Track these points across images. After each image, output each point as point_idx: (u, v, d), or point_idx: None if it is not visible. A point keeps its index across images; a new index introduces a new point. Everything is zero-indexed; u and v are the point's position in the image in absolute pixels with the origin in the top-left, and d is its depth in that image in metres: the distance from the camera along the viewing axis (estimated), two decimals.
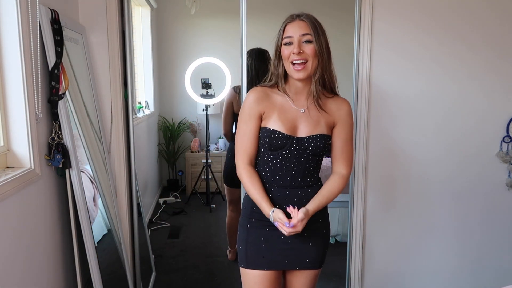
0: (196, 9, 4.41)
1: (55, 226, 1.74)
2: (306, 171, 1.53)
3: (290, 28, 1.46)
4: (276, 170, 1.52)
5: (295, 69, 1.45)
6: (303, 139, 1.50)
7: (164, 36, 4.98)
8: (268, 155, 1.53)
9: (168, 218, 4.07)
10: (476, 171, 2.37)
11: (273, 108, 1.51)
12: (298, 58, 1.43)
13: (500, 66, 2.28)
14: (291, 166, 1.51)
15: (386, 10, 2.21)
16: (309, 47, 1.44)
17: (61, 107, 1.67)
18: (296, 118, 1.51)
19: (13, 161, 1.54)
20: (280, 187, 1.53)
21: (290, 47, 1.45)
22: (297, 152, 1.50)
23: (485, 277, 2.47)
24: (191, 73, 4.29)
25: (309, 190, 1.54)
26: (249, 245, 1.56)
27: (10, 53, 1.48)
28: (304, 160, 1.51)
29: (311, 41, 1.44)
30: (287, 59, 1.46)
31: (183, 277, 2.89)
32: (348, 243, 2.46)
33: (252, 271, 1.56)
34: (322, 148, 1.51)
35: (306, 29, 1.44)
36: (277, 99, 1.53)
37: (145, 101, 4.50)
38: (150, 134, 4.48)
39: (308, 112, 1.52)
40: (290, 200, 1.52)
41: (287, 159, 1.51)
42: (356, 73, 2.26)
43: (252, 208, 1.56)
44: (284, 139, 1.49)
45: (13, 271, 1.42)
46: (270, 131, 1.49)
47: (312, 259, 1.58)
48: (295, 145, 1.50)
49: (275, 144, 1.49)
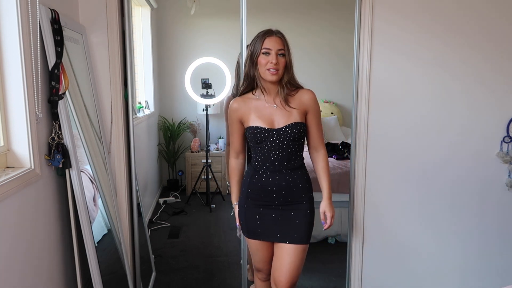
0: (196, 9, 4.41)
1: (55, 226, 1.74)
2: (290, 155, 1.83)
3: (269, 42, 1.78)
4: (265, 159, 1.84)
5: (270, 73, 1.76)
6: (281, 129, 1.80)
7: (164, 36, 4.98)
8: (256, 148, 1.85)
9: (168, 218, 4.07)
10: (476, 171, 2.37)
11: (250, 111, 1.84)
12: (274, 67, 1.76)
13: (500, 66, 2.28)
14: (276, 153, 1.82)
15: (386, 8, 2.21)
16: (282, 59, 1.78)
17: (61, 107, 1.67)
18: (272, 113, 1.82)
19: (13, 161, 1.55)
20: (271, 172, 1.84)
21: (268, 57, 1.77)
22: (279, 141, 1.80)
23: (485, 277, 2.47)
24: (191, 73, 4.29)
25: (295, 176, 1.86)
26: (247, 220, 1.91)
27: (10, 53, 1.48)
28: (286, 146, 1.81)
29: (284, 54, 1.79)
30: (264, 66, 1.77)
31: (183, 277, 2.89)
32: (348, 243, 2.46)
33: (252, 240, 1.93)
34: (298, 133, 1.81)
35: (281, 45, 1.78)
36: (252, 102, 1.85)
37: (145, 101, 4.49)
38: (150, 134, 4.48)
39: (280, 106, 1.83)
40: (278, 183, 1.84)
41: (272, 148, 1.81)
42: (356, 71, 2.26)
43: (248, 190, 1.88)
44: (265, 132, 1.80)
45: (13, 271, 1.42)
46: (253, 128, 1.81)
47: (299, 234, 1.86)
48: (275, 135, 1.80)
49: (259, 138, 1.81)
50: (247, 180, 1.90)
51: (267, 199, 1.86)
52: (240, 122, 1.87)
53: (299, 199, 1.86)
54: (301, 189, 1.86)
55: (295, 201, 1.86)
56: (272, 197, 1.85)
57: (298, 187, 1.86)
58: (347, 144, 3.79)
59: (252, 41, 1.83)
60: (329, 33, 4.91)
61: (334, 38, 4.91)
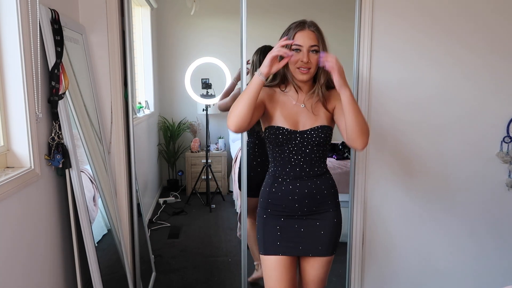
0: (196, 9, 4.41)
1: (55, 226, 1.74)
2: (313, 161, 1.66)
3: (300, 37, 1.58)
4: (285, 164, 1.67)
5: (300, 72, 1.59)
6: (305, 132, 1.64)
7: (164, 36, 4.98)
8: (276, 151, 1.68)
9: (168, 218, 4.07)
10: (476, 171, 2.37)
11: (276, 106, 1.66)
12: (305, 66, 1.58)
13: (500, 67, 2.28)
14: (298, 158, 1.65)
15: (386, 10, 2.21)
16: (315, 56, 1.59)
17: (61, 107, 1.67)
18: (298, 113, 1.66)
19: (13, 161, 1.54)
20: (291, 179, 1.67)
21: (299, 54, 1.58)
22: (302, 145, 1.64)
23: (486, 277, 2.47)
24: (191, 73, 4.29)
25: (318, 182, 1.68)
26: (266, 233, 1.71)
27: (10, 53, 1.48)
28: (310, 151, 1.64)
29: (318, 51, 1.59)
30: (294, 64, 1.59)
31: (183, 277, 2.89)
32: (348, 243, 2.46)
33: (269, 257, 1.69)
34: (324, 138, 1.64)
35: (314, 40, 1.58)
36: (279, 97, 1.68)
37: (145, 101, 4.49)
38: (150, 134, 4.48)
39: (308, 106, 1.66)
40: (301, 191, 1.66)
41: (293, 152, 1.65)
42: (356, 73, 2.26)
43: (268, 200, 1.71)
44: (289, 134, 1.63)
45: (13, 271, 1.42)
46: (275, 128, 1.64)
47: (324, 246, 1.69)
48: (299, 138, 1.64)
49: (281, 139, 1.63)
50: (266, 189, 1.73)
51: (288, 209, 1.68)
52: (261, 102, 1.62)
53: (325, 206, 1.70)
54: (327, 195, 1.70)
55: (320, 209, 1.69)
56: (295, 207, 1.67)
57: (323, 194, 1.69)
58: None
59: (283, 33, 1.65)
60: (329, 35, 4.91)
61: (334, 39, 4.91)
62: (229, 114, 1.54)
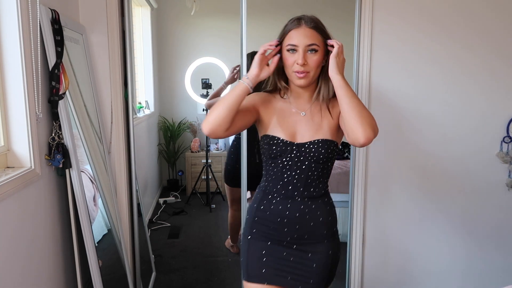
0: (196, 9, 4.41)
1: (55, 226, 1.74)
2: (309, 180, 1.43)
3: (295, 35, 1.36)
4: (277, 179, 1.45)
5: (297, 76, 1.37)
6: (303, 145, 1.42)
7: (164, 36, 4.98)
8: (269, 164, 1.47)
9: (168, 218, 4.07)
10: (476, 171, 2.37)
11: (273, 112, 1.46)
12: (301, 70, 1.36)
13: (500, 67, 2.28)
14: (292, 174, 1.43)
15: (386, 10, 2.21)
16: (314, 57, 1.36)
17: (61, 107, 1.67)
18: (297, 123, 1.44)
19: (13, 161, 1.54)
20: (282, 198, 1.45)
21: (294, 55, 1.36)
22: (298, 159, 1.42)
23: (486, 277, 2.47)
24: (191, 73, 4.30)
25: (313, 206, 1.44)
26: (250, 257, 1.49)
27: (11, 53, 1.48)
28: (306, 167, 1.42)
29: (317, 50, 1.36)
30: (290, 67, 1.39)
31: (183, 277, 2.89)
32: (348, 243, 2.46)
33: (253, 285, 1.48)
34: (324, 154, 1.40)
35: (312, 39, 1.36)
36: (278, 103, 1.48)
37: (145, 101, 4.49)
38: (150, 134, 4.48)
39: (310, 115, 1.45)
40: (291, 213, 1.43)
41: (287, 167, 1.43)
42: (356, 74, 2.26)
43: (254, 218, 1.50)
44: (284, 145, 1.42)
45: (13, 271, 1.42)
46: (269, 138, 1.43)
47: (316, 280, 1.46)
48: (295, 151, 1.42)
49: (275, 151, 1.42)
50: (254, 205, 1.51)
51: (276, 232, 1.46)
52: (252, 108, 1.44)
53: (319, 237, 1.46)
54: (321, 223, 1.45)
55: (312, 239, 1.46)
56: (283, 231, 1.45)
57: (317, 221, 1.45)
58: (347, 144, 3.79)
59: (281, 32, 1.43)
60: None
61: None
62: (206, 117, 1.35)
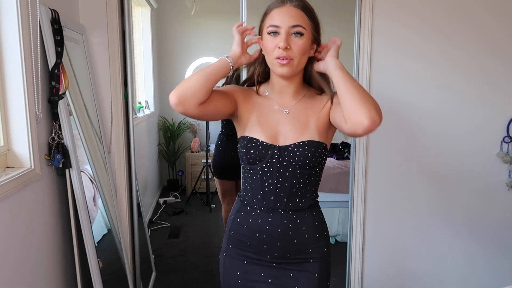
0: (196, 9, 4.41)
1: (55, 226, 1.74)
2: (294, 189, 1.23)
3: (277, 15, 1.17)
4: (257, 188, 1.25)
5: (279, 63, 1.17)
6: (286, 148, 1.22)
7: (164, 36, 4.98)
8: (247, 170, 1.27)
9: (168, 218, 4.07)
10: (476, 171, 2.37)
11: (252, 109, 1.27)
12: (284, 55, 1.16)
13: (501, 67, 2.28)
14: (274, 182, 1.23)
15: (386, 12, 2.21)
16: (299, 42, 1.16)
17: (61, 107, 1.67)
18: (279, 122, 1.25)
19: (13, 161, 1.54)
20: (263, 211, 1.25)
21: (276, 38, 1.17)
22: (280, 165, 1.22)
23: (485, 277, 2.47)
24: (191, 73, 4.29)
25: (298, 220, 1.25)
26: (224, 276, 1.33)
27: (10, 53, 1.48)
28: (290, 174, 1.22)
29: (302, 34, 1.16)
30: (271, 53, 1.19)
31: (183, 277, 2.89)
32: (348, 243, 2.46)
33: None
34: (311, 158, 1.20)
35: (298, 19, 1.16)
36: (258, 99, 1.30)
37: (145, 101, 4.49)
38: (150, 134, 4.48)
39: (294, 113, 1.25)
40: (272, 228, 1.24)
41: (268, 174, 1.23)
42: (356, 72, 2.26)
43: (230, 231, 1.32)
44: (264, 148, 1.22)
45: (13, 270, 1.42)
46: (247, 140, 1.24)
47: None
48: (277, 155, 1.22)
49: (253, 155, 1.23)
50: (231, 217, 1.34)
51: (254, 249, 1.27)
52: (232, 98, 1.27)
53: (303, 255, 1.26)
54: (308, 240, 1.26)
55: (297, 257, 1.26)
56: (262, 248, 1.26)
57: (301, 237, 1.25)
58: (347, 144, 3.79)
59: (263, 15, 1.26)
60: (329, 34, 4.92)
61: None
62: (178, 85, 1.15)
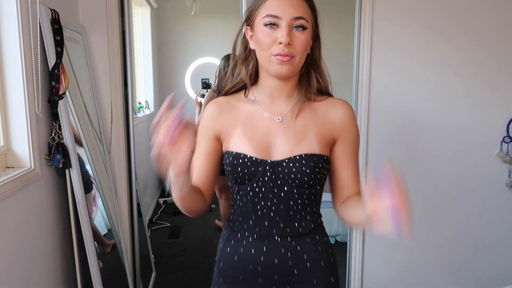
0: (196, 9, 4.41)
1: (55, 226, 1.74)
2: (292, 212, 1.03)
3: (277, 4, 0.96)
4: (248, 212, 1.05)
5: (278, 61, 0.96)
6: (280, 163, 1.01)
7: (164, 36, 4.98)
8: (236, 192, 1.07)
9: (168, 218, 4.07)
10: (476, 171, 2.37)
11: (235, 122, 1.06)
12: (285, 52, 0.95)
13: (500, 66, 2.28)
14: (267, 205, 1.02)
15: (387, 9, 2.21)
16: (301, 37, 0.97)
17: (61, 107, 1.67)
18: (270, 132, 1.04)
19: (13, 161, 1.54)
20: (256, 238, 1.05)
21: (275, 32, 0.96)
22: (274, 184, 1.01)
23: (485, 277, 2.47)
24: (191, 73, 4.30)
25: (299, 247, 1.04)
26: None
27: (10, 53, 1.48)
28: (287, 195, 1.01)
29: (305, 27, 0.97)
30: (267, 48, 0.97)
31: (183, 277, 2.89)
32: (348, 243, 2.46)
33: None
34: (310, 175, 1.00)
35: (301, 10, 0.96)
36: (244, 108, 1.08)
37: (145, 101, 4.49)
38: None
39: (289, 121, 1.04)
40: (268, 259, 1.04)
41: (260, 195, 1.02)
42: (356, 73, 2.26)
43: (219, 263, 1.12)
44: (253, 165, 1.01)
45: (13, 270, 1.42)
46: (233, 156, 1.03)
47: None
48: (269, 173, 1.01)
49: (241, 174, 1.02)
50: (220, 245, 1.14)
51: (249, 285, 1.07)
52: (214, 139, 1.08)
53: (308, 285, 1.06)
54: (311, 269, 1.06)
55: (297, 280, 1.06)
56: (257, 283, 1.06)
57: (304, 267, 1.05)
58: None
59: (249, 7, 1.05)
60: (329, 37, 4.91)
61: (334, 42, 4.92)
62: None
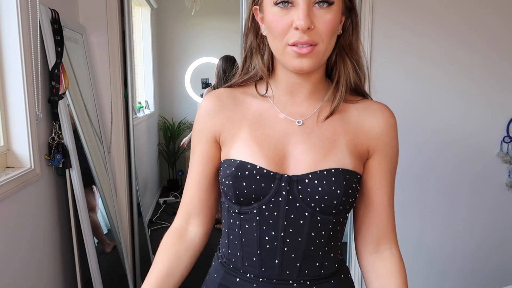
0: (196, 9, 4.41)
1: (55, 226, 1.74)
2: (313, 247, 0.78)
3: None
4: (251, 246, 0.79)
5: (296, 52, 0.71)
6: (302, 179, 0.75)
7: (164, 36, 4.98)
8: (235, 215, 0.80)
9: (168, 218, 4.07)
10: (476, 171, 2.37)
11: (242, 122, 0.81)
12: (305, 40, 0.70)
13: (501, 67, 2.28)
14: (279, 235, 0.77)
15: (387, 7, 2.21)
16: (326, 16, 0.70)
17: (61, 107, 1.67)
18: (287, 138, 0.78)
19: (13, 161, 1.54)
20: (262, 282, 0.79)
21: (289, 12, 0.70)
22: (291, 207, 0.75)
23: (485, 277, 2.47)
24: (191, 73, 4.30)
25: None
26: None
27: (10, 53, 1.48)
28: (307, 223, 0.76)
29: (331, 2, 0.70)
30: (281, 36, 0.72)
31: None
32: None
33: None
34: (341, 197, 0.75)
35: None
36: (252, 104, 0.82)
37: (145, 101, 4.50)
38: (150, 134, 4.48)
39: (313, 125, 0.80)
40: None
41: (271, 222, 0.76)
42: None
43: None
44: (263, 179, 0.75)
45: (13, 271, 1.42)
46: (236, 166, 0.76)
47: None
48: (285, 191, 0.75)
49: (246, 191, 0.76)
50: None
51: None
52: (212, 142, 0.83)
53: None
54: None
55: None
56: None
57: None
58: None
59: None
60: None
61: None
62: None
